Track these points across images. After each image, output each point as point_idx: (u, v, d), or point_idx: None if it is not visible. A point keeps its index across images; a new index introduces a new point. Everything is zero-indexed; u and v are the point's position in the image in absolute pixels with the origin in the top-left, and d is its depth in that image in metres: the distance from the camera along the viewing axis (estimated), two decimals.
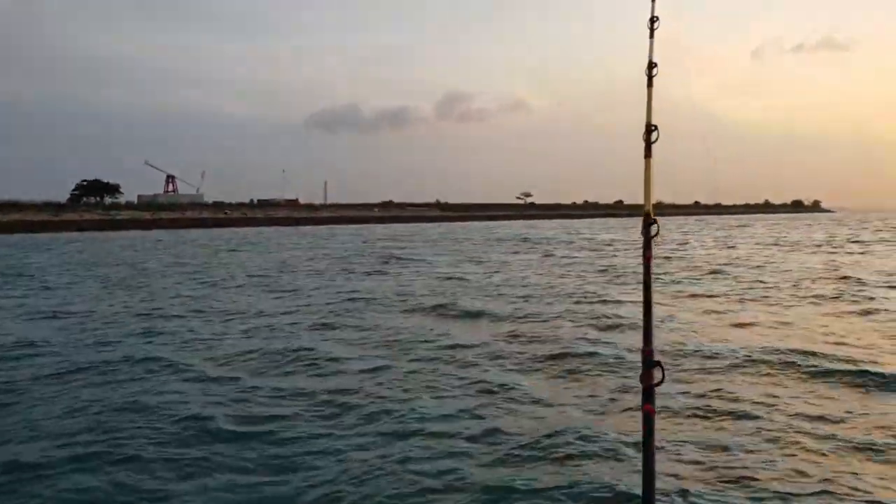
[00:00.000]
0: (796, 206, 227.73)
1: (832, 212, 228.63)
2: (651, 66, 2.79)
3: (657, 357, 1.91)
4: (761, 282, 17.51)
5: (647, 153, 2.55)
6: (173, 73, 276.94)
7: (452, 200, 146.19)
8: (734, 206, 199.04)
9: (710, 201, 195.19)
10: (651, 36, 2.91)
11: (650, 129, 2.58)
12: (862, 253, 27.96)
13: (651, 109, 2.66)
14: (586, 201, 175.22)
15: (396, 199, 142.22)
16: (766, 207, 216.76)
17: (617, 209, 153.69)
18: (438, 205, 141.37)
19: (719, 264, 23.06)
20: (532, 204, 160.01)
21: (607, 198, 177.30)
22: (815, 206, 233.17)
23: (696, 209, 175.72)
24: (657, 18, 2.95)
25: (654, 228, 2.29)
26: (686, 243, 36.95)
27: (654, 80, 2.77)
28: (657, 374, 1.89)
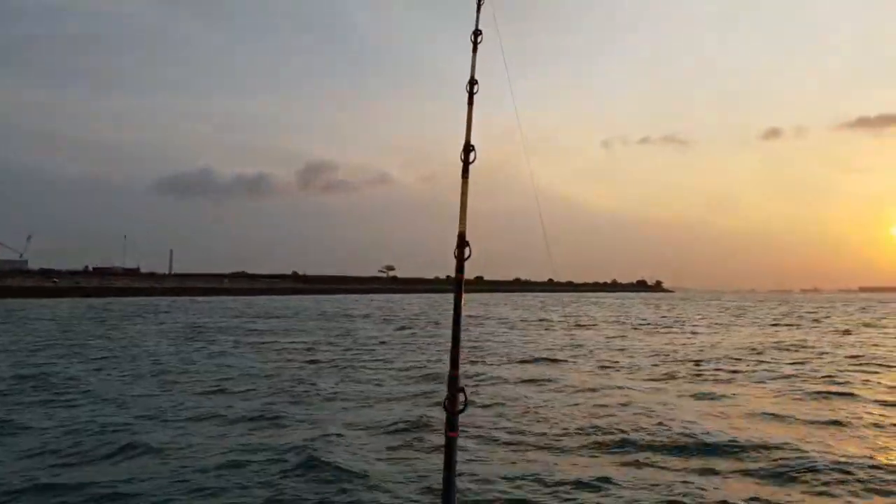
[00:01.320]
0: (641, 286, 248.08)
1: (672, 291, 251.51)
2: (472, 82, 2.67)
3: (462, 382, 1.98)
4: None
5: (465, 173, 2.38)
6: None
7: (311, 272, 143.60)
8: (584, 284, 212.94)
9: (559, 279, 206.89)
10: (474, 51, 2.79)
11: (468, 148, 2.42)
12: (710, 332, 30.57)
13: (470, 129, 2.50)
14: (448, 276, 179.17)
15: (250, 270, 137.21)
16: (615, 286, 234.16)
17: (478, 284, 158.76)
18: (295, 277, 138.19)
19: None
20: (395, 278, 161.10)
21: (468, 273, 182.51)
22: (658, 286, 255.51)
23: (554, 286, 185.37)
24: (481, 32, 2.85)
25: (467, 251, 2.16)
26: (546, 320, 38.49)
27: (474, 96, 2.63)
28: (461, 400, 1.95)
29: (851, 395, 11.18)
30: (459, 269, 2.19)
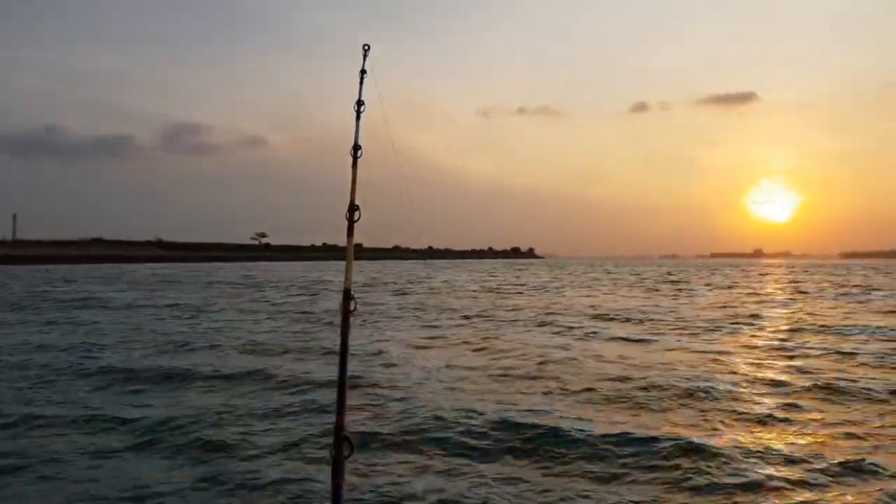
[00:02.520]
0: (515, 252, 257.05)
1: (543, 258, 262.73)
2: (356, 148, 2.97)
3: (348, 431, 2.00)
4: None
5: (350, 231, 2.74)
6: None
7: (178, 239, 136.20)
8: (462, 252, 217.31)
9: (420, 246, 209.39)
10: (357, 119, 3.04)
11: (353, 208, 2.77)
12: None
13: (355, 190, 2.85)
14: (325, 244, 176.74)
15: (108, 237, 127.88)
16: (490, 253, 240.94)
17: (358, 251, 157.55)
18: (160, 243, 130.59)
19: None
20: (268, 245, 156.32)
21: (342, 240, 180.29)
22: (531, 253, 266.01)
23: (433, 253, 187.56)
24: (363, 103, 3.07)
25: (352, 304, 2.48)
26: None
27: (360, 161, 2.96)
28: (346, 450, 1.98)
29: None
30: (345, 321, 2.44)
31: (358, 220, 2.75)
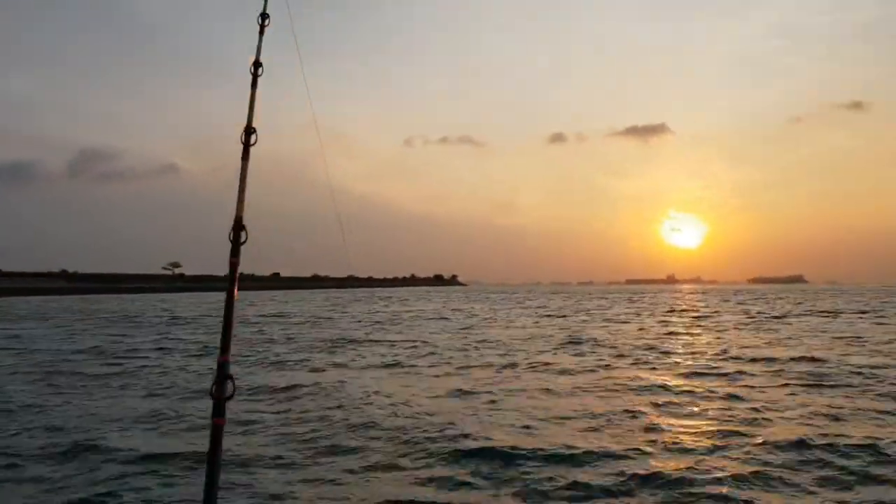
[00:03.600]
0: (438, 280, 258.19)
1: (465, 285, 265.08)
2: (257, 64, 2.60)
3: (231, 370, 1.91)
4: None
5: (245, 155, 2.34)
6: None
7: (85, 270, 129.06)
8: (384, 279, 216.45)
9: (358, 274, 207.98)
10: (261, 33, 2.72)
11: (249, 131, 2.37)
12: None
13: (253, 110, 2.45)
14: (242, 273, 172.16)
15: (6, 269, 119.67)
16: (413, 280, 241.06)
17: (275, 281, 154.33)
18: (65, 275, 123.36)
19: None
20: (181, 275, 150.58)
21: (264, 269, 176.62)
22: (454, 280, 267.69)
23: (354, 281, 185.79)
24: (268, 16, 2.77)
25: (242, 235, 2.14)
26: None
27: (259, 80, 2.58)
28: (229, 388, 1.91)
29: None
30: (234, 252, 2.13)
31: (254, 143, 2.35)
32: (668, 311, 38.08)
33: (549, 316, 34.35)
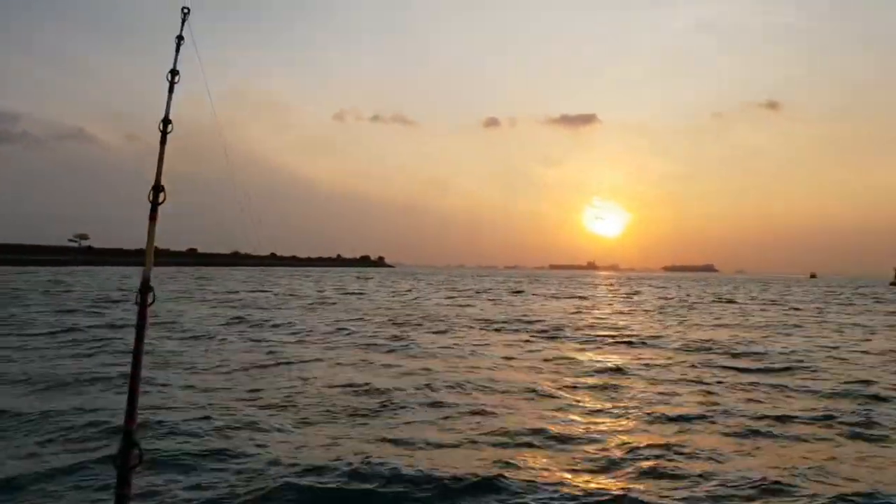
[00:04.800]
0: (365, 261, 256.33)
1: (393, 266, 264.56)
2: (166, 122, 2.71)
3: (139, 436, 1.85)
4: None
5: (152, 216, 2.49)
6: None
7: None
8: (309, 259, 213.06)
9: (276, 253, 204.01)
10: (170, 91, 2.75)
11: (158, 188, 2.51)
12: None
13: (161, 169, 2.59)
14: (157, 247, 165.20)
15: None
16: (339, 261, 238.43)
17: (192, 256, 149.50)
18: None
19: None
20: (89, 248, 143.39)
21: (179, 244, 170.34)
22: (381, 262, 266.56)
23: (277, 260, 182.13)
24: (177, 72, 2.80)
25: (150, 296, 2.25)
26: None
27: (169, 137, 2.70)
28: (135, 458, 1.81)
29: None
30: (142, 314, 2.22)
31: (163, 202, 2.50)
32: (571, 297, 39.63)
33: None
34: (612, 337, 17.55)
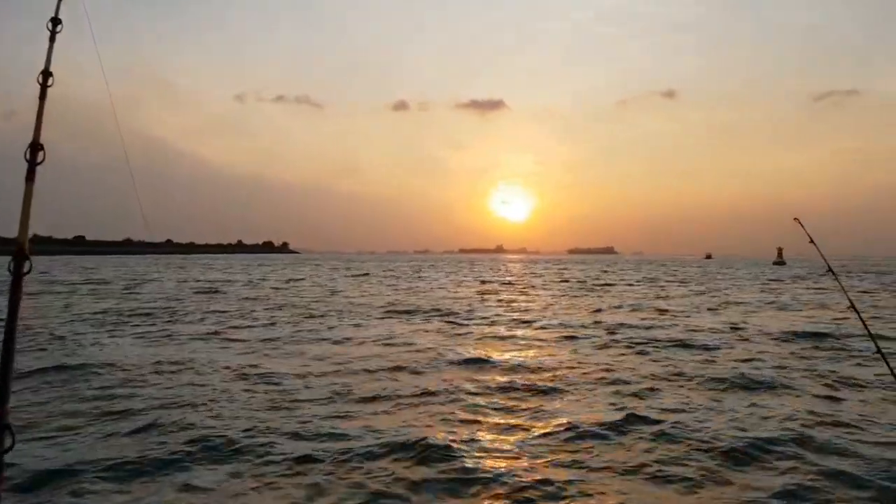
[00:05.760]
0: (268, 247, 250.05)
1: (299, 252, 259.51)
2: (46, 74, 2.47)
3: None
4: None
5: (30, 176, 2.25)
6: None
7: None
8: (207, 246, 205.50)
9: (177, 240, 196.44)
10: (51, 40, 2.55)
11: (36, 147, 2.28)
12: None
13: (41, 126, 2.35)
14: (36, 234, 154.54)
15: None
16: (240, 247, 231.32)
17: (80, 245, 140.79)
18: None
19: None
20: None
21: (65, 231, 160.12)
22: (285, 248, 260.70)
23: (173, 247, 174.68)
24: (60, 21, 2.55)
25: (27, 265, 2.05)
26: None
27: (51, 91, 2.46)
28: (7, 440, 1.74)
29: None
30: (16, 286, 2.01)
31: (42, 161, 2.27)
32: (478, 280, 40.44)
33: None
34: (506, 318, 17.94)
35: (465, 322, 16.64)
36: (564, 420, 6.90)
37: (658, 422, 6.80)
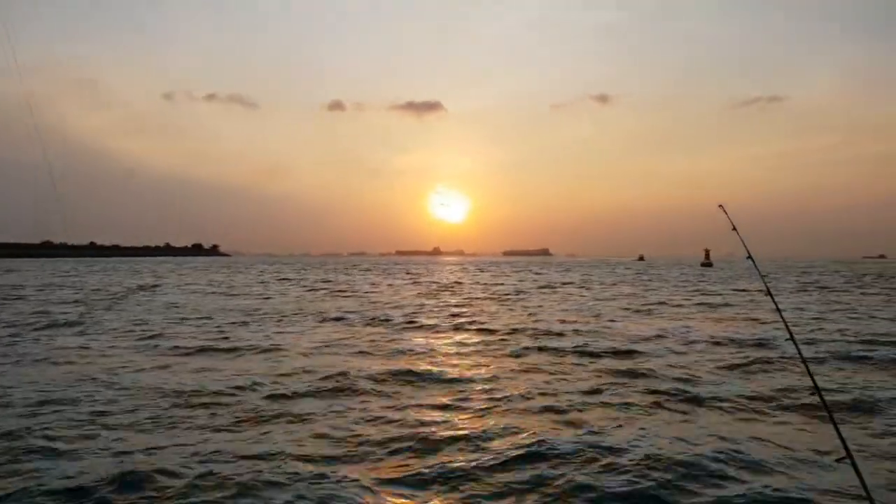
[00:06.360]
0: (197, 249, 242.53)
1: (230, 256, 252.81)
2: None
3: None
4: None
5: None
6: None
7: None
8: (133, 248, 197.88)
9: (101, 242, 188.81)
10: None
11: None
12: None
13: None
14: None
15: None
16: (168, 250, 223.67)
17: None
18: None
19: None
20: None
21: None
22: (215, 251, 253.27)
23: (98, 249, 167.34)
24: None
25: None
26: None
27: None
28: None
29: None
30: None
31: None
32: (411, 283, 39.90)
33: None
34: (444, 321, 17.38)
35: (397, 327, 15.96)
36: (482, 444, 6.33)
37: (578, 442, 6.30)
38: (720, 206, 4.62)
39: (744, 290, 32.84)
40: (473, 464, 5.72)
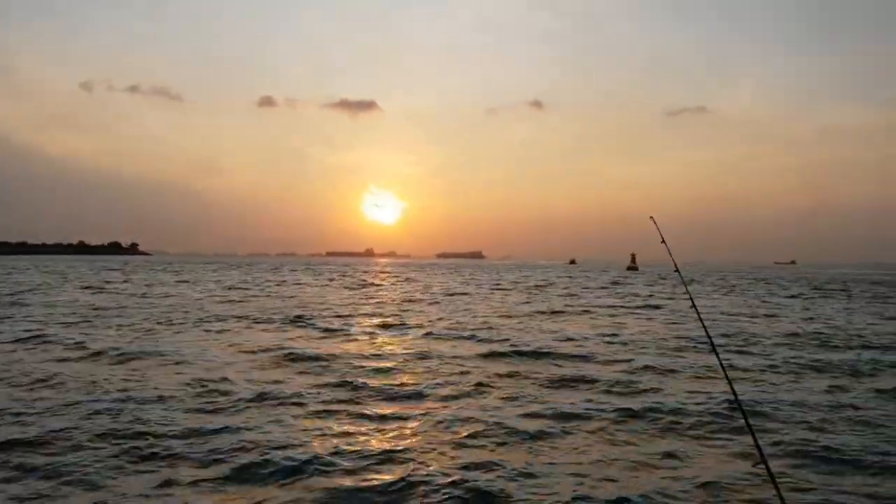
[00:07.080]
0: (115, 248, 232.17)
1: (150, 255, 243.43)
2: None
3: None
4: None
5: None
6: None
7: None
8: (44, 246, 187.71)
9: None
10: None
11: None
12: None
13: None
14: None
15: None
16: (82, 247, 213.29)
17: None
18: None
19: None
20: None
21: None
22: (134, 249, 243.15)
23: (8, 248, 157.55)
24: None
25: None
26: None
27: None
28: None
29: None
30: None
31: None
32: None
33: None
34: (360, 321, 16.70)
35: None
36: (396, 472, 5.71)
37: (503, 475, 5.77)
38: (651, 217, 4.82)
39: (663, 290, 33.50)
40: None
